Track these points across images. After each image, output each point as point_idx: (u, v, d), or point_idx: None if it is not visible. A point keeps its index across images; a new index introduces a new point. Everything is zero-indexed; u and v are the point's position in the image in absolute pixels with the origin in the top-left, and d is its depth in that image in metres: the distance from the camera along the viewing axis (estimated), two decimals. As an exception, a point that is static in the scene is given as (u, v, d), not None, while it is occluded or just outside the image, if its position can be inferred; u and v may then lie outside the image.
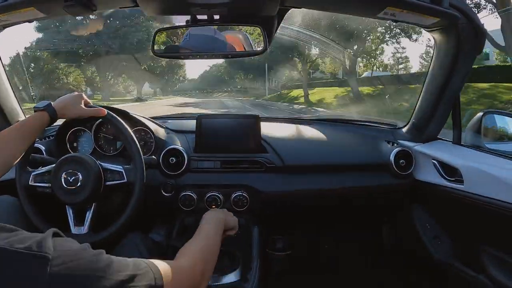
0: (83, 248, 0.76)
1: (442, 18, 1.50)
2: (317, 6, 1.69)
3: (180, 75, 55.15)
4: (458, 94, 1.80)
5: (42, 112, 1.49)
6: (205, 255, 1.11)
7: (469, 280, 1.72)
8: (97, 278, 0.71)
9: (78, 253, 0.73)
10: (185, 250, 1.10)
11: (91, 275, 0.71)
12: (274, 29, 1.65)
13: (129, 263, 0.79)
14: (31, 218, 1.59)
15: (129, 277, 0.75)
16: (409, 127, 2.11)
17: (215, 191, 1.87)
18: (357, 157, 2.04)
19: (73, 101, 1.59)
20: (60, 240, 0.74)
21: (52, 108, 1.51)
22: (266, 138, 2.01)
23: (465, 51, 1.63)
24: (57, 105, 1.53)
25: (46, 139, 1.93)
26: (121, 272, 0.75)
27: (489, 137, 1.82)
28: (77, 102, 1.59)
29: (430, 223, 2.01)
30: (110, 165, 1.62)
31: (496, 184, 1.54)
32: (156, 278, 0.81)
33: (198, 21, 1.52)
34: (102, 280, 0.72)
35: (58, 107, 1.53)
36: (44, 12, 1.46)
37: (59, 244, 0.72)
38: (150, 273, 0.81)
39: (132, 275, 0.76)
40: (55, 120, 1.54)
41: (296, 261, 2.35)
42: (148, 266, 0.82)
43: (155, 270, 0.83)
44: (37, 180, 1.60)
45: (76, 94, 1.63)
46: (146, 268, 0.81)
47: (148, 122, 1.95)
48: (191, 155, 1.91)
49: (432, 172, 1.89)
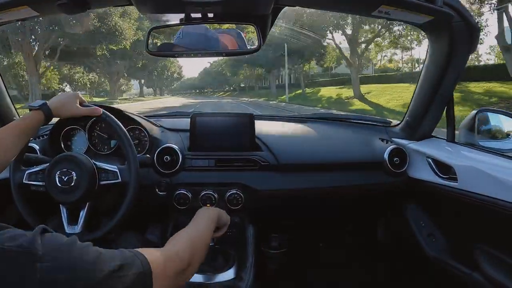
0: (72, 242, 0.77)
1: (436, 17, 1.50)
2: (312, 4, 1.70)
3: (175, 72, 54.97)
4: (452, 92, 1.81)
5: (37, 111, 1.48)
6: (193, 243, 1.11)
7: (464, 277, 1.73)
8: (87, 270, 0.72)
9: (66, 247, 0.74)
10: (173, 238, 1.11)
11: (80, 268, 0.72)
12: (268, 27, 1.65)
13: (116, 254, 0.81)
14: (25, 216, 1.59)
15: (118, 267, 0.76)
16: (403, 125, 2.12)
17: (210, 190, 1.87)
18: (351, 155, 2.05)
19: (69, 100, 1.58)
20: (48, 236, 0.74)
21: (47, 107, 1.50)
22: (260, 137, 2.01)
23: (459, 49, 1.63)
24: (52, 104, 1.52)
25: (40, 138, 1.93)
26: (109, 263, 0.76)
27: (482, 135, 1.82)
28: (73, 101, 1.58)
29: (424, 220, 2.01)
30: (104, 164, 1.62)
31: (490, 181, 1.54)
32: (143, 266, 0.82)
33: (192, 19, 1.51)
34: (92, 272, 0.72)
35: (53, 106, 1.52)
36: (37, 11, 1.45)
37: (48, 239, 0.72)
38: (137, 261, 0.82)
39: (120, 264, 0.77)
40: (50, 119, 1.53)
41: (290, 259, 2.36)
42: (135, 255, 0.83)
43: (141, 258, 0.84)
44: (31, 179, 1.59)
45: (72, 93, 1.62)
46: (133, 257, 0.82)
47: (143, 121, 1.95)
48: (185, 154, 1.91)
49: (426, 170, 1.89)
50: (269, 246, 2.23)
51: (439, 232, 1.96)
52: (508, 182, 1.47)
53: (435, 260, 1.90)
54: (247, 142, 1.98)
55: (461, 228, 1.83)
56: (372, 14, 1.51)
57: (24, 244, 0.68)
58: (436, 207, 1.95)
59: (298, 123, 2.34)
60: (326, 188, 1.97)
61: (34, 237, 0.70)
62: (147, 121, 1.99)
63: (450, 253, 1.87)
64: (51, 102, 1.53)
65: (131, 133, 1.87)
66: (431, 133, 2.02)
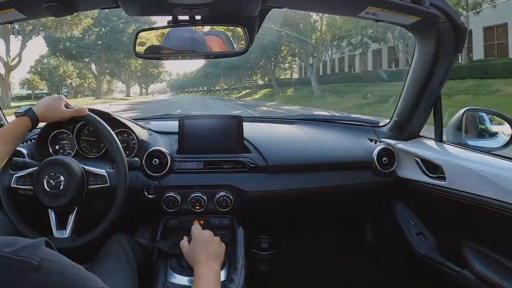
0: (75, 266, 0.74)
1: (423, 18, 1.52)
2: (299, 6, 1.70)
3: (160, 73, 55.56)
4: (439, 92, 1.82)
5: (23, 117, 1.47)
6: None
7: (453, 275, 1.74)
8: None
9: (68, 268, 0.72)
10: None
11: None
12: (256, 29, 1.65)
13: None
14: (13, 221, 1.57)
15: None
16: (391, 125, 2.13)
17: (199, 192, 1.86)
18: (340, 155, 2.05)
19: (54, 103, 1.57)
20: (51, 251, 0.72)
21: (33, 112, 1.49)
22: (249, 138, 2.01)
23: (446, 50, 1.65)
24: (37, 109, 1.51)
25: (28, 142, 1.91)
26: None
27: (470, 134, 1.84)
28: (58, 104, 1.57)
29: (413, 219, 2.03)
30: (93, 168, 1.61)
31: (477, 180, 1.56)
32: None
33: (180, 22, 1.51)
34: None
35: (39, 111, 1.51)
36: (24, 14, 1.43)
37: (50, 254, 0.70)
38: None
39: None
40: (37, 124, 1.52)
41: (281, 260, 2.36)
42: None
43: None
44: (19, 183, 1.58)
45: (56, 96, 1.61)
46: None
47: (131, 124, 1.94)
48: (174, 156, 1.90)
49: (415, 169, 1.90)
50: (259, 248, 2.23)
51: (428, 231, 1.97)
52: (496, 180, 1.49)
53: (425, 259, 1.91)
54: (236, 144, 1.98)
55: (450, 226, 1.85)
56: (359, 15, 1.52)
57: (22, 251, 0.67)
58: (425, 206, 1.97)
59: (287, 124, 2.34)
60: (315, 189, 1.97)
61: (37, 247, 0.69)
62: (135, 124, 1.98)
63: (439, 251, 1.88)
64: (36, 107, 1.52)
65: (119, 136, 1.86)
66: (419, 133, 2.04)
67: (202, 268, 1.30)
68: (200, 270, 1.30)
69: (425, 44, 1.71)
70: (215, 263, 1.35)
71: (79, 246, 1.55)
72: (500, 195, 1.46)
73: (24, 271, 0.65)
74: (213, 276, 1.29)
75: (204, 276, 1.28)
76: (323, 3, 1.58)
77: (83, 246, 1.55)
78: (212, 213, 1.89)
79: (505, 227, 1.48)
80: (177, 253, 1.60)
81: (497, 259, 1.56)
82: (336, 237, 2.62)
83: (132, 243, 1.70)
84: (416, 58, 1.80)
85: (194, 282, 1.26)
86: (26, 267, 0.65)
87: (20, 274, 0.64)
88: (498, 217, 1.46)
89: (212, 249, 1.40)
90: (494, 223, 1.53)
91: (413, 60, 1.83)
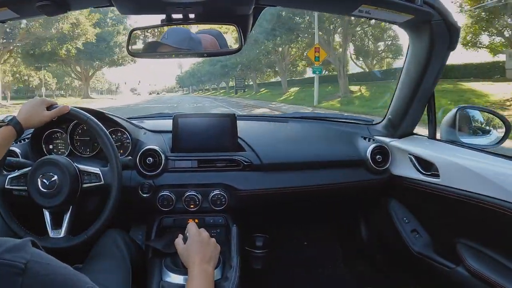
0: (63, 266, 0.73)
1: (416, 15, 1.52)
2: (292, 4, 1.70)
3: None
4: (432, 90, 1.83)
5: (7, 127, 1.45)
6: None
7: (447, 271, 1.75)
8: None
9: (55, 268, 0.70)
10: None
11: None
12: (249, 27, 1.65)
13: None
14: (8, 222, 1.57)
15: None
16: (385, 122, 2.13)
17: (193, 191, 1.86)
18: (334, 153, 2.06)
19: (35, 109, 1.54)
20: (38, 251, 0.71)
21: (16, 120, 1.47)
22: (243, 137, 2.01)
23: (439, 48, 1.65)
24: (20, 117, 1.49)
25: (22, 142, 1.90)
26: None
27: (463, 131, 1.85)
28: (39, 109, 1.54)
29: (407, 217, 2.03)
30: (87, 166, 1.61)
31: (471, 177, 1.56)
32: None
33: (173, 20, 1.51)
34: None
35: (22, 119, 1.49)
36: (17, 13, 1.42)
37: (37, 255, 0.69)
38: None
39: None
40: (22, 132, 1.50)
41: (275, 258, 2.36)
42: None
43: None
44: (13, 183, 1.58)
45: (37, 100, 1.58)
46: None
47: (125, 123, 1.94)
48: (168, 155, 1.90)
49: (409, 167, 1.91)
50: (254, 246, 2.23)
51: (423, 228, 1.98)
52: (489, 177, 1.49)
53: (419, 256, 1.92)
54: (230, 142, 1.97)
55: (444, 223, 1.85)
56: (352, 14, 1.52)
57: (6, 254, 0.65)
58: (419, 203, 1.97)
59: (281, 122, 2.34)
60: (309, 187, 1.98)
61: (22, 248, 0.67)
62: (129, 123, 1.98)
63: (433, 248, 1.89)
64: (19, 115, 1.50)
65: (113, 135, 1.86)
66: (413, 131, 2.04)
67: (196, 269, 1.30)
68: (193, 272, 1.30)
69: (418, 42, 1.71)
70: (209, 266, 1.35)
71: (75, 245, 1.54)
72: (493, 192, 1.47)
73: (10, 275, 0.63)
74: (206, 278, 1.29)
75: (198, 278, 1.28)
76: (316, 1, 1.59)
77: (78, 245, 1.55)
78: (207, 212, 1.89)
79: (499, 224, 1.49)
80: (171, 252, 1.60)
81: (490, 255, 1.57)
82: (330, 235, 2.62)
83: (126, 239, 1.69)
84: (410, 56, 1.80)
85: (188, 282, 1.26)
86: (12, 271, 0.63)
87: (6, 278, 0.63)
88: (492, 214, 1.47)
89: (207, 251, 1.39)
90: (487, 220, 1.54)
91: (407, 58, 1.83)
